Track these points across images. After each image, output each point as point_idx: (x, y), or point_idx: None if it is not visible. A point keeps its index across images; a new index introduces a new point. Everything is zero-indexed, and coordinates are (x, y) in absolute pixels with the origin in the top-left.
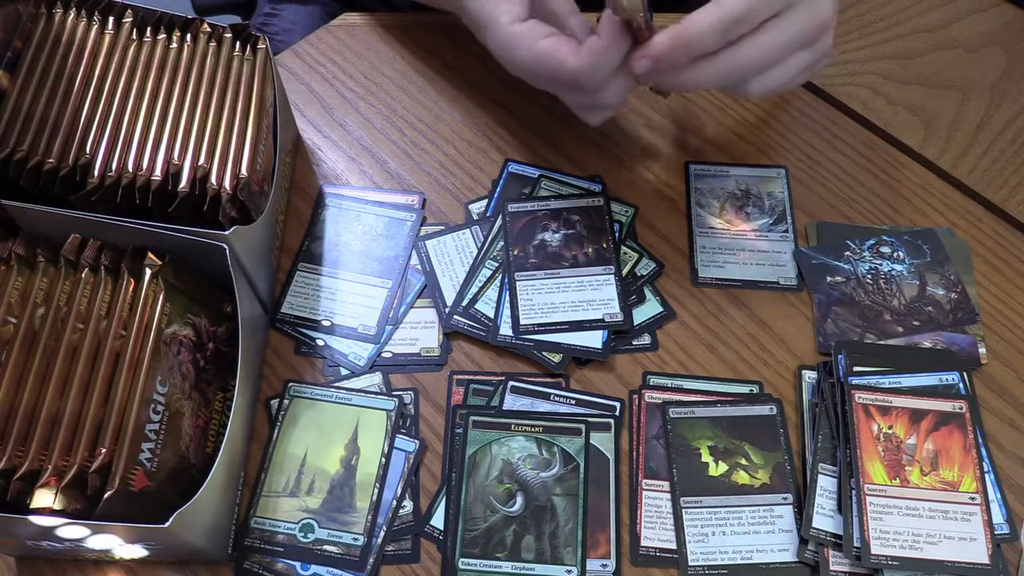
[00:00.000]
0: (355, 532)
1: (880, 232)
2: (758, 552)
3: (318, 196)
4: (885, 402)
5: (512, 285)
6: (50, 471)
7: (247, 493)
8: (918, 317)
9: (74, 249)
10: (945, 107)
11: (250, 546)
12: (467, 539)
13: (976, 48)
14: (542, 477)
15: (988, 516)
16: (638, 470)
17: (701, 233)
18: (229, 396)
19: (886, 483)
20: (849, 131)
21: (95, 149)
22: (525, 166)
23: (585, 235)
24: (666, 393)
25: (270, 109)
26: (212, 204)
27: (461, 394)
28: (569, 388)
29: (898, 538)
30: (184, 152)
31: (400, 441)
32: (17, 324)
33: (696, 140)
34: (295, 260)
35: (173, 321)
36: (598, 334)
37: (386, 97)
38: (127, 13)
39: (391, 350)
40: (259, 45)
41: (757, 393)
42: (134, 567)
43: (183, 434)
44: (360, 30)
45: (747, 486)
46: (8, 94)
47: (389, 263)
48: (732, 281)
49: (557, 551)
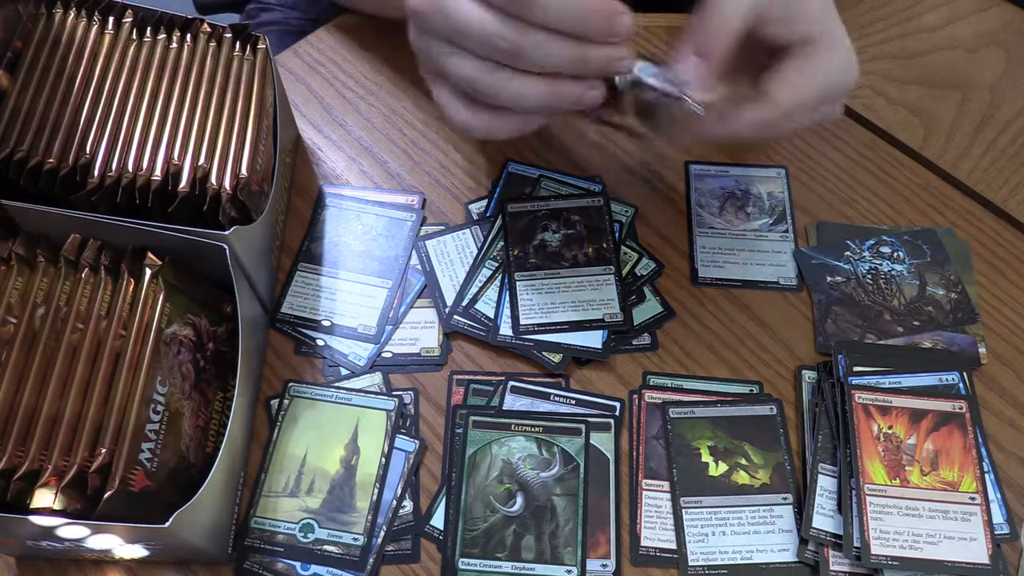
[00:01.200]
0: (355, 532)
1: (880, 232)
2: (758, 552)
3: (318, 196)
4: (885, 402)
5: (512, 285)
6: (50, 471)
7: (247, 493)
8: (918, 317)
9: (74, 249)
10: (945, 107)
11: (250, 546)
12: (467, 539)
13: (976, 48)
14: (542, 477)
15: (988, 516)
16: (638, 470)
17: (701, 233)
18: (229, 396)
19: (886, 483)
20: (849, 131)
21: (95, 149)
22: (525, 166)
23: (585, 235)
24: (666, 393)
25: (270, 109)
26: (212, 204)
27: (461, 394)
28: (569, 388)
29: (898, 538)
30: (184, 152)
31: (400, 441)
32: (17, 324)
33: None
34: (295, 260)
35: (173, 321)
36: (598, 334)
37: (386, 97)
38: (127, 13)
39: (391, 350)
40: (259, 45)
41: (757, 393)
42: (134, 567)
43: (183, 434)
44: (360, 30)
45: (747, 486)
46: (8, 94)
47: (389, 263)
48: (732, 281)
49: (557, 551)
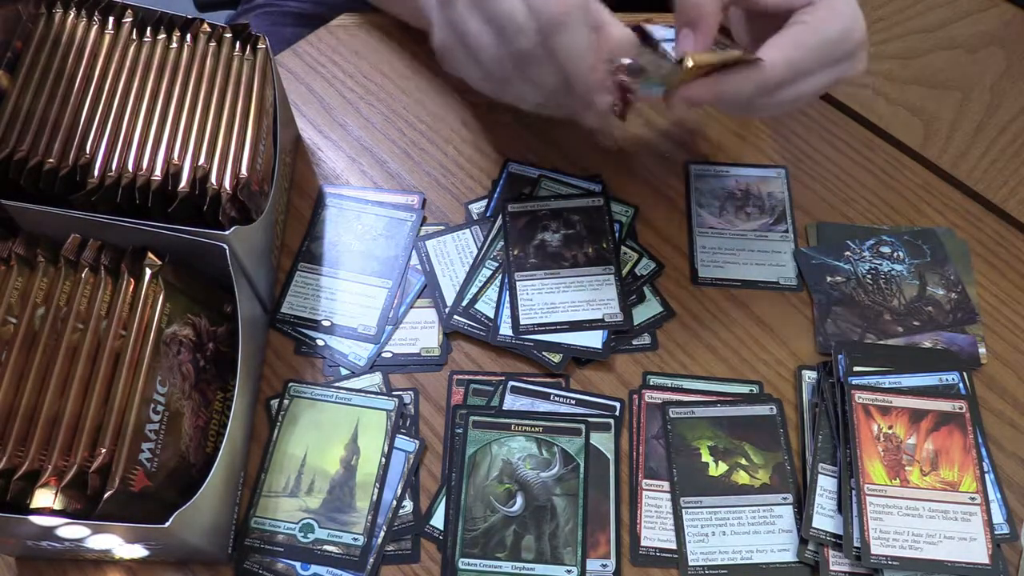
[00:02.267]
0: (355, 532)
1: (880, 232)
2: (758, 552)
3: (318, 196)
4: (885, 402)
5: (512, 285)
6: (50, 471)
7: (247, 493)
8: (918, 317)
9: (74, 249)
10: (945, 107)
11: (250, 546)
12: (467, 539)
13: (976, 48)
14: (542, 477)
15: (988, 516)
16: (638, 470)
17: (701, 233)
18: (229, 396)
19: (886, 483)
20: (849, 131)
21: (95, 149)
22: (525, 166)
23: (585, 235)
24: (666, 393)
25: (270, 109)
26: (212, 204)
27: (461, 394)
28: (569, 388)
29: (898, 538)
30: (184, 152)
31: (400, 441)
32: (17, 324)
33: (696, 140)
34: (295, 260)
35: (173, 321)
36: (598, 334)
37: (386, 97)
38: (127, 13)
39: (391, 350)
40: (259, 45)
41: (757, 393)
42: (134, 567)
43: (183, 434)
44: (360, 30)
45: (747, 486)
46: (8, 94)
47: (389, 263)
48: (732, 281)
49: (557, 551)
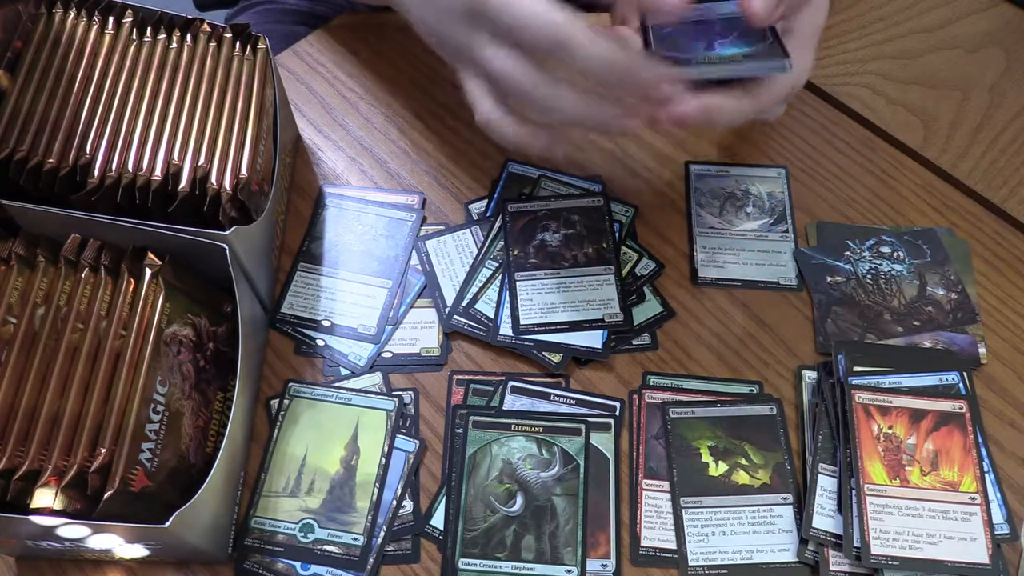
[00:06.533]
0: (355, 532)
1: (880, 232)
2: (758, 552)
3: (318, 196)
4: (885, 402)
5: (512, 285)
6: (50, 471)
7: (247, 493)
8: (918, 317)
9: (74, 249)
10: (945, 107)
11: (250, 546)
12: (467, 539)
13: (976, 48)
14: (542, 477)
15: (988, 516)
16: (638, 470)
17: (701, 233)
18: (229, 396)
19: (886, 483)
20: (849, 131)
21: (95, 149)
22: (525, 166)
23: (585, 235)
24: (666, 393)
25: (270, 109)
26: (212, 204)
27: (461, 394)
28: (569, 388)
29: (898, 538)
30: (184, 152)
31: (400, 441)
32: (17, 324)
33: (696, 140)
34: (295, 260)
35: (173, 321)
36: (598, 334)
37: (386, 97)
38: (127, 13)
39: (391, 350)
40: (259, 45)
41: (757, 393)
42: (134, 567)
43: (183, 434)
44: (360, 30)
45: (747, 486)
46: (8, 94)
47: (389, 263)
48: (732, 281)
49: (557, 551)
